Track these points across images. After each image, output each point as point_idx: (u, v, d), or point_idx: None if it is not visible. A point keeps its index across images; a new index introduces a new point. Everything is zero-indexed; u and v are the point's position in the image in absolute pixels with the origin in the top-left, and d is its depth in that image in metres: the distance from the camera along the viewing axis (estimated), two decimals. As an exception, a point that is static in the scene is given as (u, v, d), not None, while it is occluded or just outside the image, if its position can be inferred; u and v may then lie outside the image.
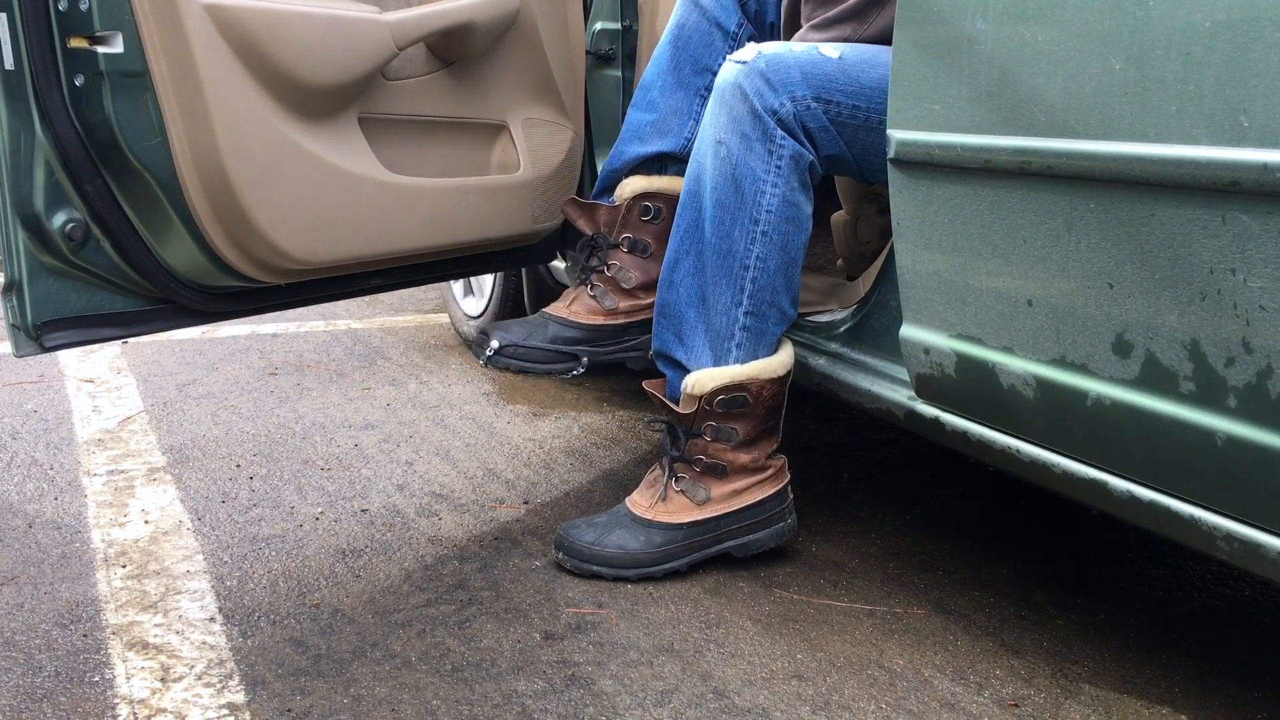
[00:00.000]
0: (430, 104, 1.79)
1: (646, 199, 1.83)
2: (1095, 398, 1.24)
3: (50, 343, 1.41)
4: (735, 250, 1.61)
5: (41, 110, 1.35)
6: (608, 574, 1.65)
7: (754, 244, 1.60)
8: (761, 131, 1.57)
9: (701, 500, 1.67)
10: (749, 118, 1.57)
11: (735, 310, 1.62)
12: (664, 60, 1.88)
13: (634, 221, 1.84)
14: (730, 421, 1.64)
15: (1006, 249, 1.30)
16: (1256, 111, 1.01)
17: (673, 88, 1.86)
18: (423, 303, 3.59)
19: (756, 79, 1.57)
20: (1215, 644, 1.54)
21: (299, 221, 1.55)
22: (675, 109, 1.86)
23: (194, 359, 2.85)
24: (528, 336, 1.80)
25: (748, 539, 1.70)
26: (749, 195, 1.59)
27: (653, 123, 1.87)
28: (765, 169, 1.58)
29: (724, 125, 1.59)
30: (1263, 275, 1.04)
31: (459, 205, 1.82)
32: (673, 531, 1.66)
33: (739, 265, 1.61)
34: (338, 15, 1.56)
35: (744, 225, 1.60)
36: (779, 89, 1.56)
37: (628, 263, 1.84)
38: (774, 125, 1.57)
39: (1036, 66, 1.22)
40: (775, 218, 1.59)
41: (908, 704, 1.37)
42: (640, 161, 1.86)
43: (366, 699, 1.36)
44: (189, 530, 1.82)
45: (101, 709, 1.33)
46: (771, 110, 1.56)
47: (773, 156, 1.58)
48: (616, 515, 1.70)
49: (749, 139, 1.57)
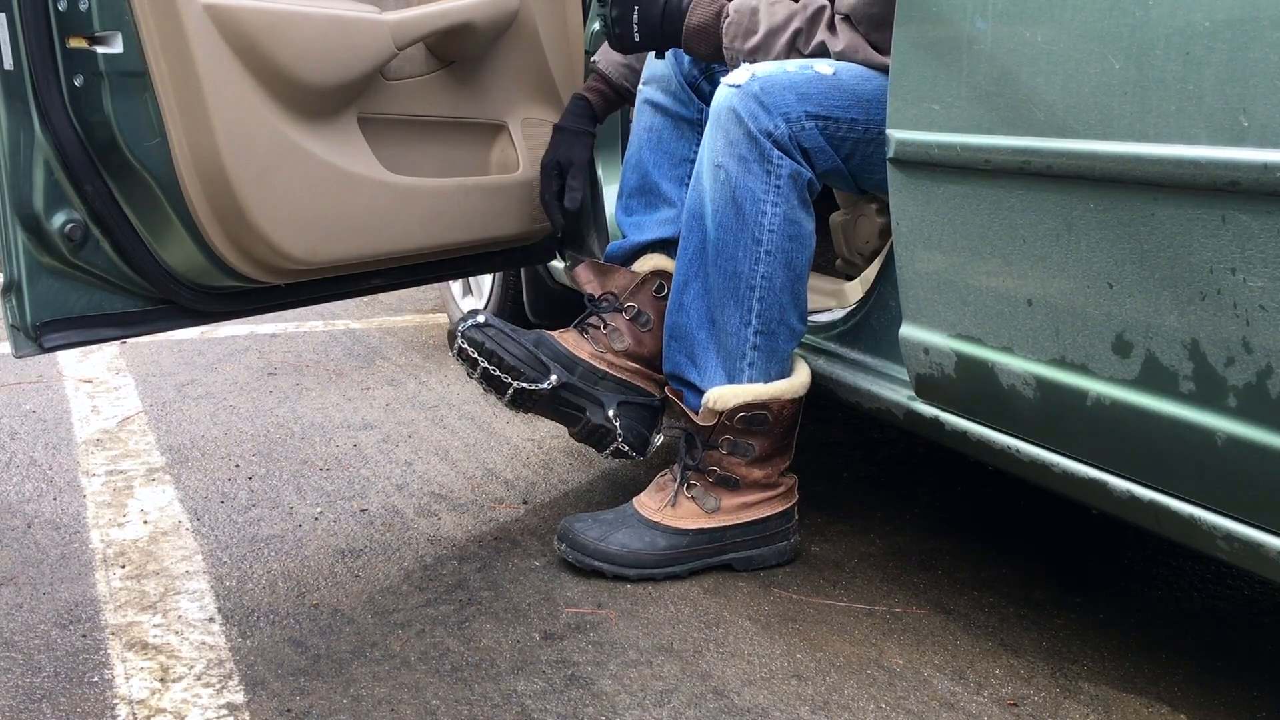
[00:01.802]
0: (429, 104, 1.79)
1: (662, 278, 1.83)
2: (1095, 397, 1.24)
3: (50, 343, 1.41)
4: (740, 271, 1.61)
5: (41, 110, 1.35)
6: (609, 571, 1.65)
7: (758, 264, 1.60)
8: (758, 153, 1.57)
9: (711, 509, 1.67)
10: (745, 140, 1.57)
11: (745, 330, 1.63)
12: (645, 164, 1.89)
13: (645, 295, 1.84)
14: (748, 438, 1.65)
15: (1006, 249, 1.30)
16: (1256, 111, 1.01)
17: (659, 185, 1.88)
18: (421, 303, 3.59)
19: (750, 102, 1.57)
20: (1215, 643, 1.54)
21: (298, 221, 1.55)
22: (671, 201, 1.88)
23: (193, 359, 2.85)
24: (516, 331, 1.76)
25: (750, 553, 1.70)
26: (750, 216, 1.59)
27: (657, 219, 1.88)
28: (764, 189, 1.58)
29: (721, 149, 1.59)
30: (1262, 275, 1.04)
31: (458, 205, 1.82)
32: (679, 536, 1.66)
33: (745, 286, 1.61)
34: (337, 15, 1.56)
35: (747, 246, 1.60)
36: (773, 110, 1.57)
37: (624, 328, 1.84)
38: (770, 146, 1.57)
39: (1036, 66, 1.22)
40: (778, 236, 1.60)
41: (907, 703, 1.37)
42: (657, 242, 1.87)
43: (366, 699, 1.36)
44: (188, 530, 1.82)
45: (101, 709, 1.33)
46: (766, 132, 1.57)
47: (771, 177, 1.58)
48: (623, 514, 1.70)
49: (746, 161, 1.58)
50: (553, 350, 1.76)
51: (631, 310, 1.84)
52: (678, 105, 1.88)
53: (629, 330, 1.83)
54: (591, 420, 1.76)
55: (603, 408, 1.77)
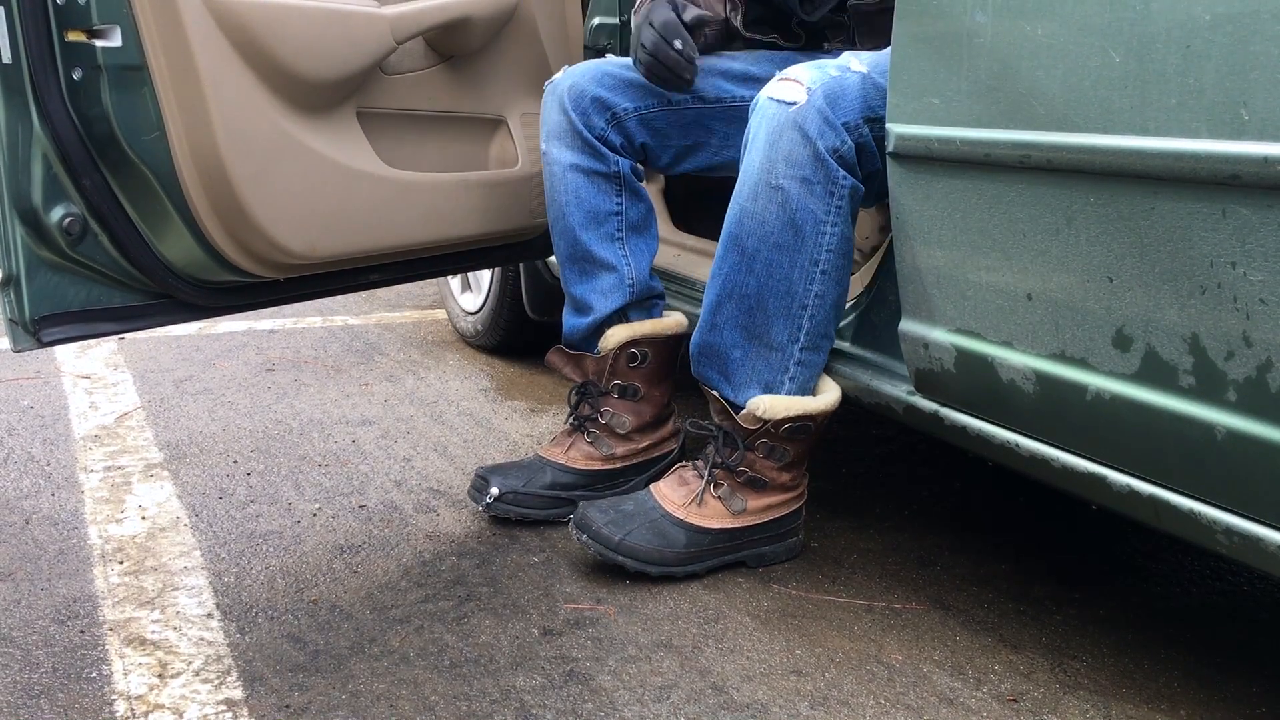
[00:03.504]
0: (428, 99, 1.79)
1: (633, 346, 1.83)
2: (1095, 392, 1.24)
3: (48, 337, 1.41)
4: (794, 291, 1.57)
5: (39, 104, 1.34)
6: (631, 567, 1.63)
7: (813, 283, 1.57)
8: (824, 174, 1.51)
9: (738, 510, 1.66)
10: (811, 161, 1.51)
11: (791, 347, 1.61)
12: (572, 227, 1.81)
13: (621, 369, 1.84)
14: (786, 444, 1.64)
15: (1006, 243, 1.30)
16: (1257, 104, 1.01)
17: (591, 251, 1.82)
18: (420, 298, 3.59)
19: (817, 119, 1.50)
20: (1214, 639, 1.54)
21: (298, 216, 1.55)
22: (608, 264, 1.83)
23: (191, 355, 2.85)
24: (526, 483, 1.83)
25: (764, 550, 1.70)
26: (809, 237, 1.54)
27: (600, 289, 1.84)
28: (826, 210, 1.53)
29: (782, 171, 1.52)
30: (1263, 269, 1.04)
31: (457, 200, 1.81)
32: (701, 535, 1.65)
33: (797, 305, 1.58)
34: (336, 9, 1.56)
35: (803, 267, 1.56)
36: (837, 126, 1.50)
37: (620, 408, 1.86)
38: (836, 166, 1.51)
39: (1036, 60, 1.22)
40: (834, 255, 1.56)
41: (906, 699, 1.37)
42: (612, 315, 1.84)
43: (364, 695, 1.35)
44: (186, 526, 1.82)
45: (99, 705, 1.33)
46: (834, 150, 1.50)
47: (834, 197, 1.53)
48: (643, 505, 1.67)
49: (810, 182, 1.51)
50: (567, 482, 1.85)
51: (617, 389, 1.85)
52: (591, 160, 1.80)
53: (625, 408, 1.86)
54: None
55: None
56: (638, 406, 1.87)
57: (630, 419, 1.87)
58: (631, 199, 1.83)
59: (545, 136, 1.82)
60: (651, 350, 1.85)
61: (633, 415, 1.87)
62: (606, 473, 1.87)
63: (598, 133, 1.80)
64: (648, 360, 1.85)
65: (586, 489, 1.84)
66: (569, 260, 1.84)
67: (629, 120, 1.81)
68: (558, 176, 1.81)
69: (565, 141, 1.80)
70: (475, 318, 2.88)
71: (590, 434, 1.87)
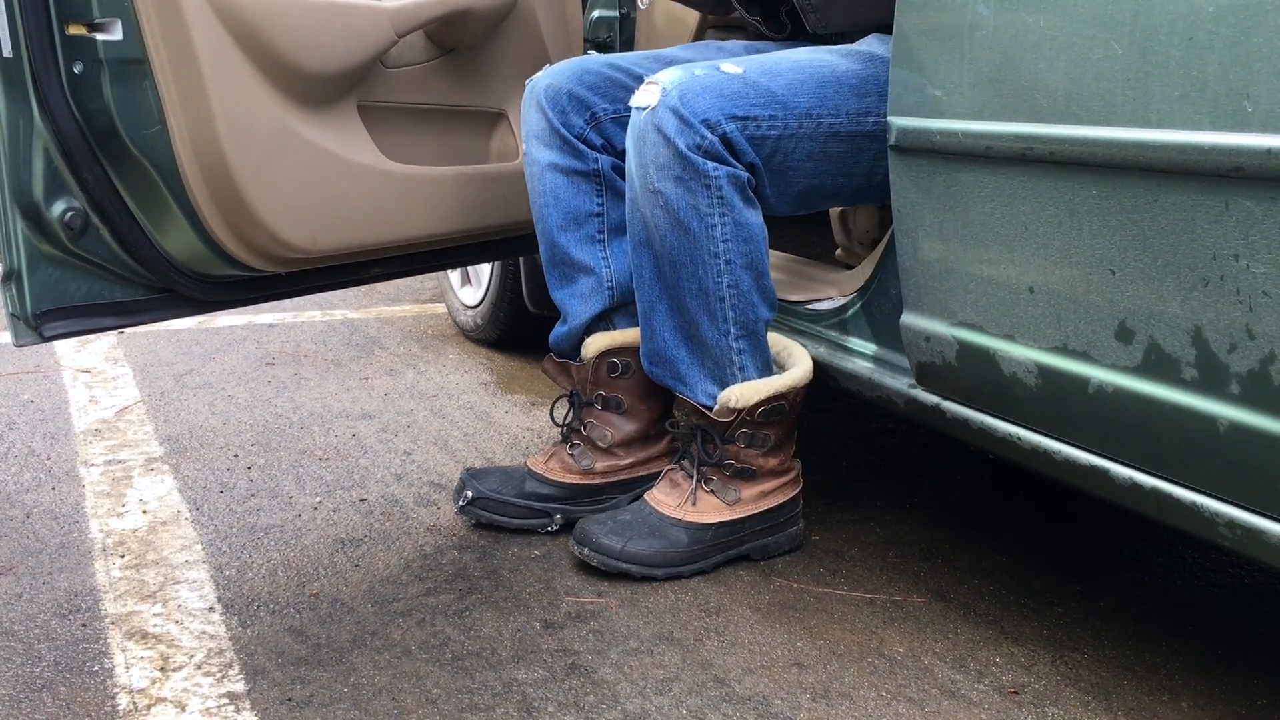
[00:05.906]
0: (429, 92, 1.79)
1: (612, 355, 1.79)
2: (1097, 385, 1.24)
3: (50, 332, 1.41)
4: (706, 287, 1.58)
5: (40, 98, 1.34)
6: (636, 572, 1.62)
7: (721, 275, 1.58)
8: (693, 170, 1.52)
9: (733, 500, 1.67)
10: (676, 161, 1.52)
11: (726, 340, 1.61)
12: (551, 230, 1.78)
13: (603, 379, 1.80)
14: (765, 429, 1.65)
15: (1008, 235, 1.30)
16: (1260, 96, 1.01)
17: (569, 254, 1.79)
18: (420, 292, 3.58)
19: (670, 116, 1.51)
20: (1215, 631, 1.54)
21: (299, 210, 1.55)
22: (587, 268, 1.80)
23: (191, 349, 2.85)
24: (501, 489, 1.79)
25: (766, 541, 1.70)
26: (700, 233, 1.55)
27: (579, 293, 1.81)
28: (708, 204, 1.54)
29: (654, 174, 1.54)
30: (1266, 261, 1.04)
31: (458, 193, 1.81)
32: (702, 532, 1.65)
33: (715, 299, 1.59)
34: (337, 2, 1.56)
35: (705, 261, 1.57)
36: (694, 124, 1.51)
37: (603, 420, 1.82)
38: (702, 160, 1.52)
39: (1038, 52, 1.22)
40: (733, 243, 1.57)
41: (908, 691, 1.37)
42: (593, 320, 1.81)
43: (366, 688, 1.36)
44: (187, 520, 1.82)
45: (101, 698, 1.33)
46: (696, 147, 1.51)
47: (711, 190, 1.54)
48: (640, 514, 1.67)
49: (683, 180, 1.53)
50: (544, 493, 1.81)
51: (601, 399, 1.81)
52: (569, 159, 1.77)
53: (608, 420, 1.82)
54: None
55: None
56: (621, 419, 1.82)
57: (611, 432, 1.81)
58: (614, 200, 1.79)
59: (525, 136, 1.80)
60: (635, 360, 1.78)
61: (614, 429, 1.82)
62: (586, 488, 1.81)
63: (576, 131, 1.77)
64: (630, 371, 1.79)
65: (564, 502, 1.80)
66: (549, 264, 1.81)
67: (606, 122, 1.79)
68: (536, 177, 1.78)
69: (544, 140, 1.77)
70: (475, 312, 2.88)
71: (574, 445, 1.83)
